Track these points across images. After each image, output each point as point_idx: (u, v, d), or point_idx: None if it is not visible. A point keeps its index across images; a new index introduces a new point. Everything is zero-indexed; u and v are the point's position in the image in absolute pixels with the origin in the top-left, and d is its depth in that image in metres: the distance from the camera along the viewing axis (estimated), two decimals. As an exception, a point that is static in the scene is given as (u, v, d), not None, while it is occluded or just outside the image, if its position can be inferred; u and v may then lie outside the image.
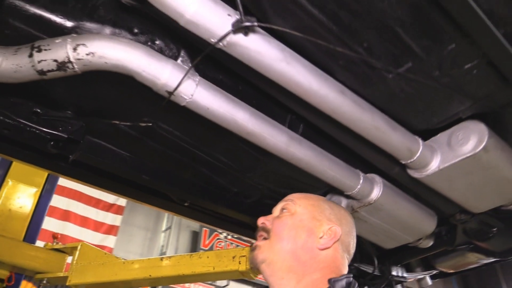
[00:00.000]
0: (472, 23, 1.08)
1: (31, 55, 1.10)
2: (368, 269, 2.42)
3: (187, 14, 1.02)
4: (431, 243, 2.20)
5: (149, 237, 9.24)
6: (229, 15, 1.06)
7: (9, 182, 2.39)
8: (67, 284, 2.18)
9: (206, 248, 9.72)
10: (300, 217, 1.21)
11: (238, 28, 1.04)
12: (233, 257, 1.97)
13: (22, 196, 2.38)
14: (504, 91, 1.34)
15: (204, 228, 9.97)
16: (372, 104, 1.38)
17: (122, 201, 8.70)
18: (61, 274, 2.24)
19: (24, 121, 1.35)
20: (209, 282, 9.30)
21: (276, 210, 1.30)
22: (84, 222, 7.63)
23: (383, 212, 1.79)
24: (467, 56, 1.21)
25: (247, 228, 2.06)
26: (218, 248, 9.96)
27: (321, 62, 1.26)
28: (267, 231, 1.20)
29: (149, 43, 1.32)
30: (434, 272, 2.91)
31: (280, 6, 1.12)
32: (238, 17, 1.07)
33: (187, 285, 8.61)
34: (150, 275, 2.07)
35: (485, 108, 1.43)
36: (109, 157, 1.51)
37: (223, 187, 1.79)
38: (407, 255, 2.43)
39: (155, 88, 1.20)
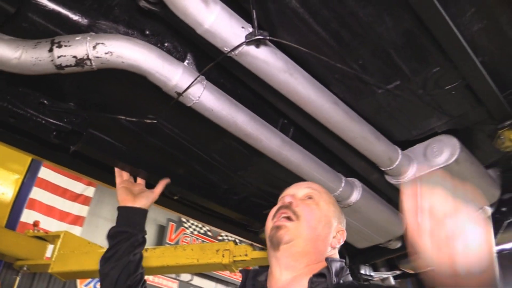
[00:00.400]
0: (455, 50, 1.23)
1: (51, 50, 1.15)
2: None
3: (206, 24, 1.11)
4: (399, 244, 2.37)
5: (114, 229, 9.12)
6: (242, 27, 1.16)
7: (-12, 169, 2.38)
8: (49, 271, 2.19)
9: (172, 243, 9.70)
10: (326, 212, 1.29)
11: (251, 40, 1.14)
12: (217, 250, 2.06)
13: (4, 183, 2.37)
14: (477, 111, 1.51)
15: (171, 223, 9.96)
16: (361, 115, 1.52)
17: (89, 192, 8.57)
18: (43, 262, 2.26)
19: (31, 111, 1.39)
20: (174, 276, 9.32)
21: (299, 192, 1.34)
22: (49, 211, 7.46)
23: (360, 214, 1.93)
24: (449, 78, 1.36)
25: (232, 224, 2.15)
26: (183, 242, 9.97)
27: (319, 74, 1.38)
28: (294, 212, 1.24)
29: (158, 45, 1.39)
30: (398, 272, 3.11)
31: (288, 22, 1.23)
32: (251, 29, 1.16)
33: (151, 277, 8.58)
34: (134, 265, 2.13)
35: (459, 124, 1.59)
36: (109, 150, 1.57)
37: (213, 183, 1.87)
38: (375, 255, 2.59)
39: (165, 89, 1.28)
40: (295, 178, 1.76)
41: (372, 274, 2.82)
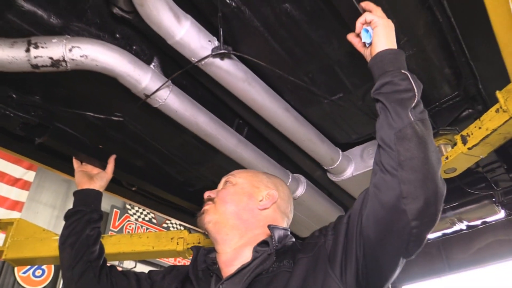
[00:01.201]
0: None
1: (28, 50, 1.23)
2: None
3: (177, 37, 1.24)
4: (337, 234, 2.63)
5: (55, 215, 8.83)
6: (209, 41, 1.30)
7: None
8: (3, 258, 2.21)
9: (116, 230, 9.56)
10: (242, 185, 1.33)
11: (216, 53, 1.29)
12: (172, 238, 2.19)
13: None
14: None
15: (115, 209, 9.80)
16: (309, 120, 1.71)
17: (29, 176, 8.23)
18: None
19: (23, 111, 1.45)
20: (117, 263, 9.24)
21: (220, 184, 1.41)
22: (-15, 195, 7.12)
23: (303, 206, 2.15)
24: (383, 93, 1.58)
25: (187, 214, 2.29)
26: (128, 230, 9.87)
27: (274, 84, 1.55)
28: (212, 199, 1.32)
29: (127, 47, 1.49)
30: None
31: (250, 38, 1.39)
32: (217, 43, 1.31)
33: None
34: (91, 252, 2.21)
35: (391, 131, 1.83)
36: (73, 144, 1.65)
37: (171, 176, 2.00)
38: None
39: (134, 90, 1.40)
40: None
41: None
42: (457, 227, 3.05)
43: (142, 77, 1.36)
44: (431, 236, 3.50)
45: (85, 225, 1.52)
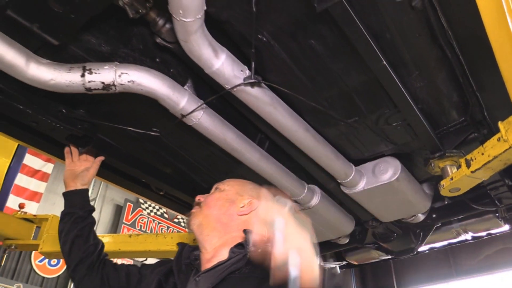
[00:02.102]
0: (400, 100, 1.60)
1: (83, 75, 1.40)
2: (295, 257, 2.96)
3: (214, 68, 1.40)
4: (347, 240, 2.78)
5: (71, 207, 9.15)
6: (241, 70, 1.46)
7: (-22, 151, 2.52)
8: (39, 251, 2.41)
9: (129, 223, 9.82)
10: (227, 192, 1.50)
11: (248, 82, 1.45)
12: (194, 239, 2.36)
13: (-6, 167, 2.53)
14: (415, 141, 1.90)
15: (128, 203, 10.05)
16: (326, 138, 1.87)
17: (48, 168, 8.51)
18: (31, 242, 2.46)
19: (51, 118, 1.63)
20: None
21: (212, 190, 1.58)
22: (6, 185, 7.38)
23: (317, 215, 2.30)
24: (395, 118, 1.74)
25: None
26: (140, 223, 10.12)
27: (295, 106, 1.71)
28: (199, 204, 1.49)
29: (165, 70, 1.66)
30: (343, 263, 3.56)
31: (277, 67, 1.55)
32: (248, 72, 1.47)
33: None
34: (119, 249, 2.39)
35: (401, 150, 1.99)
36: (112, 153, 1.83)
37: (196, 182, 2.18)
38: (325, 248, 3.00)
39: (172, 110, 1.57)
40: (265, 183, 2.10)
41: (321, 264, 3.24)
42: (463, 237, 3.17)
43: (180, 100, 1.53)
44: (437, 244, 3.62)
45: (72, 226, 1.63)
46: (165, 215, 11.02)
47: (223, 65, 1.41)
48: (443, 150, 1.83)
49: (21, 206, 2.86)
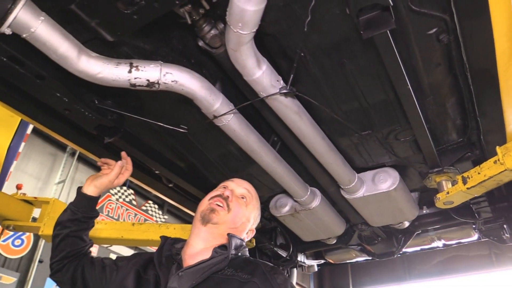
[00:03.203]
0: (414, 119, 1.76)
1: (130, 72, 1.46)
2: (283, 253, 3.11)
3: (254, 76, 1.50)
4: (335, 241, 2.96)
5: (39, 187, 8.89)
6: (277, 80, 1.57)
7: (-18, 130, 2.49)
8: (39, 233, 2.42)
9: (97, 207, 9.67)
10: (249, 213, 1.53)
11: (282, 92, 1.56)
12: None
13: (-5, 146, 2.51)
14: (416, 156, 2.08)
15: (98, 187, 9.89)
16: (337, 146, 2.01)
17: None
18: (32, 224, 2.46)
19: (85, 107, 1.67)
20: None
21: (238, 190, 1.55)
22: (-26, 161, 7.11)
23: (315, 216, 2.46)
24: (404, 134, 1.91)
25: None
26: (108, 209, 9.99)
27: (316, 115, 1.83)
28: (228, 205, 1.46)
29: (199, 70, 1.74)
30: (322, 261, 3.75)
31: (306, 79, 1.67)
32: (282, 82, 1.58)
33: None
34: (122, 236, 2.44)
35: (401, 163, 2.16)
36: (136, 146, 1.90)
37: (206, 178, 2.27)
38: (314, 246, 3.17)
39: (205, 111, 1.66)
40: (273, 184, 2.23)
41: (305, 261, 3.41)
42: (435, 244, 3.44)
43: (215, 102, 1.62)
44: (409, 249, 3.88)
45: (70, 223, 1.56)
46: (134, 202, 10.93)
47: (263, 75, 1.51)
48: (441, 166, 2.01)
49: (19, 187, 2.83)
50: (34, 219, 2.54)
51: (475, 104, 1.76)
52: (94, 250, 9.55)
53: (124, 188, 10.71)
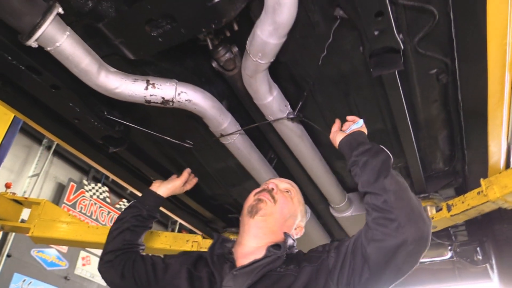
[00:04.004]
0: (409, 149, 1.87)
1: (146, 88, 1.52)
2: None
3: (265, 101, 1.58)
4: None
5: (12, 179, 8.65)
6: (285, 106, 1.66)
7: (-28, 127, 2.45)
8: (29, 235, 2.40)
9: (70, 203, 9.47)
10: (295, 207, 1.54)
11: (290, 117, 1.64)
12: (187, 241, 2.48)
13: (-14, 144, 2.47)
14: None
15: (72, 183, 9.70)
16: (332, 168, 2.11)
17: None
18: (22, 225, 2.44)
19: (95, 117, 1.70)
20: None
21: (281, 184, 1.58)
22: None
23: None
24: (396, 161, 2.02)
25: (201, 222, 2.61)
26: (81, 205, 9.81)
27: (316, 138, 1.92)
28: (273, 197, 1.47)
29: (207, 89, 1.79)
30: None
31: (311, 105, 1.76)
32: (290, 108, 1.67)
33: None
34: (113, 241, 2.46)
35: (389, 186, 2.27)
36: (139, 156, 1.94)
37: (201, 189, 2.32)
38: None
39: (213, 129, 1.72)
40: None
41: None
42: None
43: (224, 121, 1.69)
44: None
45: (131, 219, 1.69)
46: (108, 200, 10.76)
47: (273, 100, 1.59)
48: (428, 192, 2.14)
49: (8, 185, 2.79)
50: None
51: (463, 137, 1.89)
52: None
53: (99, 184, 10.56)
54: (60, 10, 1.24)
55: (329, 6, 1.30)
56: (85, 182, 10.08)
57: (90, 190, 10.20)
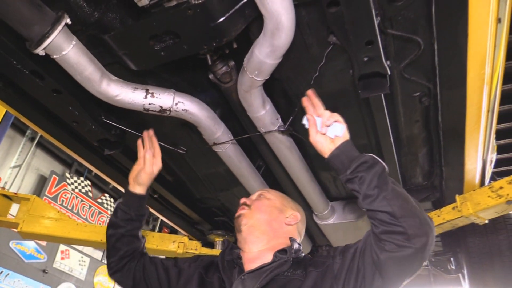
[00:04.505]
0: (391, 163, 1.98)
1: (145, 97, 1.58)
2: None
3: (258, 114, 1.67)
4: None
5: (-9, 169, 8.56)
6: (277, 119, 1.74)
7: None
8: (18, 230, 2.42)
9: (51, 196, 9.40)
10: (274, 201, 1.62)
11: (280, 130, 1.73)
12: (174, 241, 2.54)
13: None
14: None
15: (54, 175, 9.62)
16: (317, 177, 2.20)
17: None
18: (11, 220, 2.46)
19: (92, 121, 1.76)
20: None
21: (254, 196, 1.67)
22: None
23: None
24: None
25: (189, 224, 2.68)
26: (63, 198, 9.74)
27: (304, 150, 2.02)
28: (248, 205, 1.58)
29: (202, 98, 1.87)
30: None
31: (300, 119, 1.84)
32: (281, 122, 1.75)
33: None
34: (101, 240, 2.50)
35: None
36: (130, 157, 2.00)
37: (190, 192, 2.40)
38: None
39: (207, 138, 1.80)
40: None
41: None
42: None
43: (217, 131, 1.77)
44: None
45: (123, 223, 1.64)
46: (89, 194, 10.71)
47: (265, 114, 1.68)
48: (406, 205, 2.25)
49: (-3, 180, 2.79)
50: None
51: (442, 155, 2.01)
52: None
53: (82, 178, 10.49)
54: (68, 20, 1.30)
55: (323, 32, 1.39)
56: (67, 175, 10.02)
57: (72, 183, 10.14)
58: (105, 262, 1.68)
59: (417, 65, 1.53)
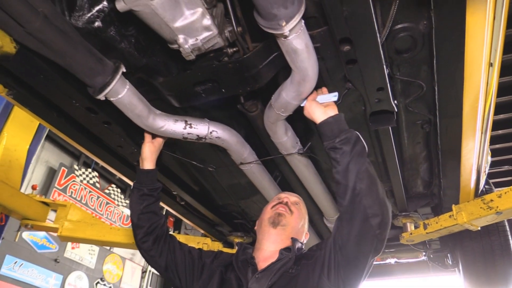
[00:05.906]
0: (395, 178, 2.24)
1: (185, 128, 1.83)
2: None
3: (281, 140, 1.91)
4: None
5: (3, 164, 8.78)
6: (297, 143, 1.99)
7: (5, 135, 2.70)
8: (58, 234, 2.68)
9: (60, 188, 9.65)
10: (303, 216, 1.82)
11: (300, 152, 1.98)
12: (198, 242, 2.81)
13: (18, 149, 2.72)
14: (389, 200, 2.57)
15: (63, 168, 9.86)
16: (329, 188, 2.46)
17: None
18: (51, 225, 2.72)
19: (135, 145, 2.00)
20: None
21: (291, 198, 1.84)
22: None
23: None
24: (384, 185, 2.38)
25: (211, 226, 2.95)
26: (72, 190, 10.00)
27: (318, 166, 2.27)
28: (290, 208, 1.74)
29: (230, 123, 2.10)
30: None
31: (315, 142, 2.10)
32: (300, 145, 2.00)
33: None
34: (133, 242, 2.76)
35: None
36: (163, 172, 2.25)
37: (214, 199, 2.66)
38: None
39: (235, 158, 2.05)
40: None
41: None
42: (388, 261, 4.02)
43: (244, 152, 2.02)
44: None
45: (137, 200, 1.78)
46: (97, 185, 10.97)
47: (287, 139, 1.93)
48: (408, 211, 2.52)
49: (34, 187, 3.04)
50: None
51: (440, 169, 2.27)
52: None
53: (89, 170, 10.75)
54: (124, 69, 1.54)
55: (341, 80, 1.63)
56: (75, 167, 10.27)
57: (80, 175, 10.39)
58: (113, 251, 1.88)
59: (420, 101, 1.78)
